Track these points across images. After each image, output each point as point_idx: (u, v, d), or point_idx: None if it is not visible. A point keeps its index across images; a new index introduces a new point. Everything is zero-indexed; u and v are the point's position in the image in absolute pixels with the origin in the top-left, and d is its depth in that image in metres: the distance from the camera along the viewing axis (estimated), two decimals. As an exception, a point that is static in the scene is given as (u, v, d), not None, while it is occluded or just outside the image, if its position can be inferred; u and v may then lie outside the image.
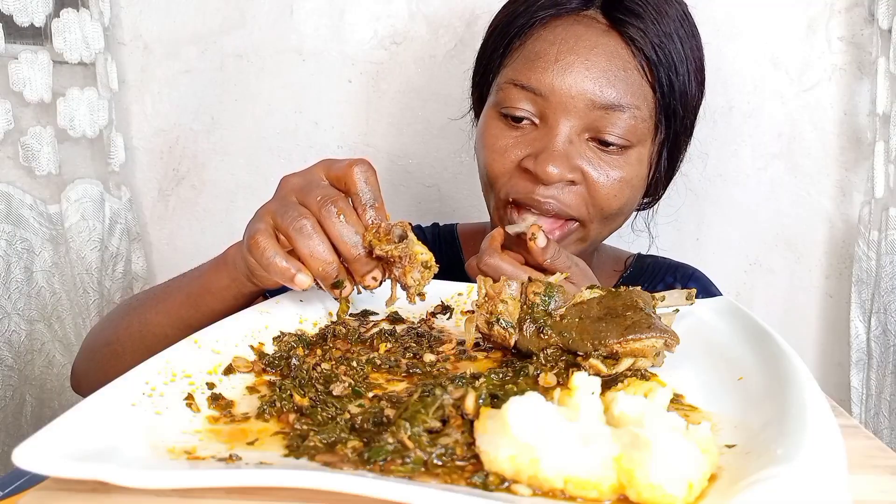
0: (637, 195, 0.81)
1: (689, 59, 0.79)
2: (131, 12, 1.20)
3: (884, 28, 1.01)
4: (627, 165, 0.77)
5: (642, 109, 0.76)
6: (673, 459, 0.34)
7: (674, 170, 0.87)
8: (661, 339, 0.52)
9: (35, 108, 1.01)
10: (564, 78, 0.74)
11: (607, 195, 0.76)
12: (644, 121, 0.76)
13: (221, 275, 0.67)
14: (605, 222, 0.79)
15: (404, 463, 0.37)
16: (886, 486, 0.37)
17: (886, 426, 1.05)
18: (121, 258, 1.17)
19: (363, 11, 1.17)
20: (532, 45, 0.77)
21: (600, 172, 0.76)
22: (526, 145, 0.76)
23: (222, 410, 0.45)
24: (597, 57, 0.74)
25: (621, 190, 0.77)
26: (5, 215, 0.98)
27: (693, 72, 0.80)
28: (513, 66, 0.79)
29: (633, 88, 0.75)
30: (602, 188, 0.76)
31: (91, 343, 0.78)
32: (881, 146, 1.02)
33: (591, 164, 0.76)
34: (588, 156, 0.76)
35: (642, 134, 0.77)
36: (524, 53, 0.78)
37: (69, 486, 0.36)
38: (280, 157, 1.23)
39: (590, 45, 0.75)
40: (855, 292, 1.06)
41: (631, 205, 0.81)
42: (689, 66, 0.79)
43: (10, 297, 0.99)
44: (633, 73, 0.75)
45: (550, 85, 0.74)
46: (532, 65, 0.76)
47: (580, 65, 0.74)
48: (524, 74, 0.76)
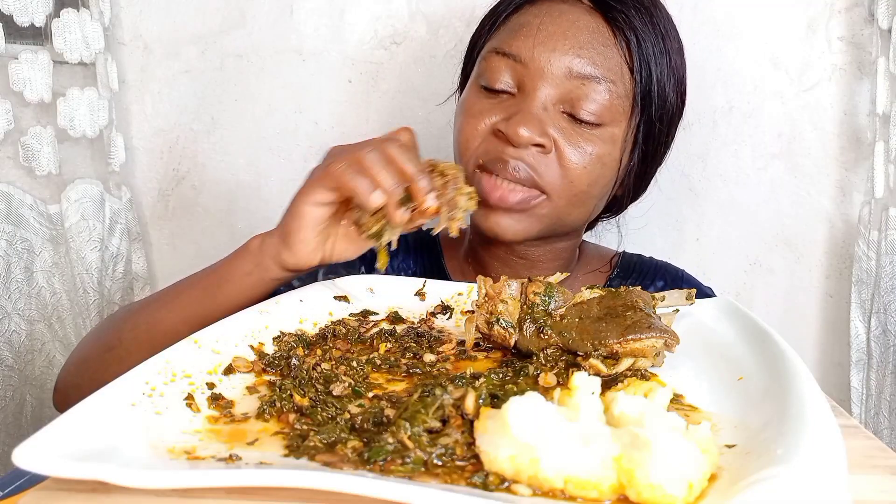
0: (608, 177, 0.79)
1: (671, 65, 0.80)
2: (131, 12, 1.20)
3: (883, 28, 1.01)
4: (600, 141, 0.77)
5: (618, 86, 0.76)
6: (673, 459, 0.34)
7: (646, 175, 0.87)
8: (661, 339, 0.52)
9: (35, 108, 1.01)
10: (545, 45, 0.75)
11: (576, 167, 0.76)
12: (619, 98, 0.76)
13: (244, 262, 0.68)
14: (572, 200, 0.78)
15: (404, 463, 0.37)
16: (886, 486, 0.37)
17: (886, 426, 1.05)
18: (121, 258, 1.17)
19: (363, 11, 1.17)
20: (517, 19, 0.80)
21: (572, 144, 0.76)
22: (501, 111, 0.77)
23: (222, 410, 0.45)
24: (578, 30, 0.76)
25: (592, 164, 0.76)
26: (5, 215, 0.98)
27: (674, 81, 0.81)
28: (497, 37, 0.81)
29: (611, 64, 0.76)
30: (572, 159, 0.75)
31: (84, 354, 0.77)
32: (881, 146, 1.02)
33: (564, 134, 0.75)
34: (561, 125, 0.76)
35: (617, 113, 0.77)
36: (509, 25, 0.80)
37: (69, 486, 0.36)
38: (280, 157, 1.23)
39: (572, 19, 0.77)
40: (855, 292, 1.06)
41: (600, 186, 0.79)
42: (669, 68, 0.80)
43: (10, 297, 0.99)
44: (613, 49, 0.76)
45: (530, 52, 0.75)
46: (515, 34, 0.78)
47: (561, 35, 0.76)
48: (506, 43, 0.78)
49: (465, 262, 0.92)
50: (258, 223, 1.26)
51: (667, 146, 0.86)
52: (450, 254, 0.94)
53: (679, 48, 0.83)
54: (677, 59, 0.82)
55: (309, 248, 0.66)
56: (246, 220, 1.26)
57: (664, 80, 0.79)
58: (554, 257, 0.87)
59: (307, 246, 0.66)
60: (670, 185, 1.16)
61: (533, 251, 0.86)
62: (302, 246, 0.66)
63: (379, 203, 0.61)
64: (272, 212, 1.27)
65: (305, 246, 0.66)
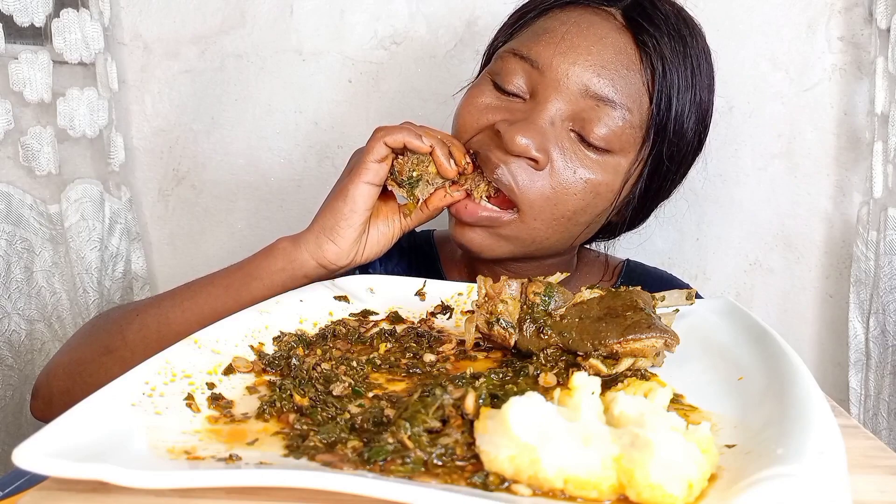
0: (600, 207, 0.75)
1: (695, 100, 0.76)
2: (131, 12, 1.20)
3: (882, 28, 1.01)
4: (600, 170, 0.73)
5: (634, 115, 0.72)
6: (673, 459, 0.34)
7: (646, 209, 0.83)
8: (661, 339, 0.52)
9: (35, 108, 1.01)
10: (565, 56, 0.71)
11: (565, 191, 0.72)
12: (633, 128, 0.73)
13: (273, 259, 0.69)
14: (552, 224, 0.73)
15: (404, 463, 0.37)
16: (886, 486, 0.37)
17: (885, 427, 1.05)
18: (121, 258, 1.17)
19: (363, 11, 1.17)
20: (543, 23, 0.76)
21: (569, 166, 0.72)
22: (507, 112, 0.73)
23: (222, 410, 0.45)
24: (603, 47, 0.72)
25: (583, 192, 0.72)
26: (5, 215, 0.98)
27: (695, 117, 0.77)
28: (518, 38, 0.77)
29: (631, 90, 0.72)
30: (563, 182, 0.72)
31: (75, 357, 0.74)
32: (879, 146, 1.02)
33: (563, 154, 0.72)
34: (563, 145, 0.72)
35: (626, 142, 0.73)
36: (533, 28, 0.77)
37: (69, 486, 0.36)
38: (280, 157, 1.23)
39: (600, 34, 0.72)
40: (853, 293, 1.06)
41: (589, 214, 0.75)
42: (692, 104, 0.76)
43: (10, 297, 0.99)
44: (636, 75, 0.72)
45: (549, 60, 0.72)
46: (537, 38, 0.74)
47: (585, 49, 0.72)
48: (526, 46, 0.74)
49: (461, 267, 0.91)
50: (258, 223, 1.26)
51: (674, 183, 0.82)
52: (446, 259, 0.93)
53: (709, 84, 0.78)
54: (704, 96, 0.77)
55: (353, 238, 0.70)
56: (246, 220, 1.26)
57: (683, 116, 0.75)
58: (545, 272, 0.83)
59: (353, 233, 0.69)
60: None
61: (521, 266, 0.83)
62: (349, 233, 0.69)
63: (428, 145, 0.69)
64: (272, 212, 1.27)
65: (352, 233, 0.69)
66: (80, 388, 0.71)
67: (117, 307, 0.81)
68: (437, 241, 0.96)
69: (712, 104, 0.80)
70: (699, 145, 0.81)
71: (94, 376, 0.71)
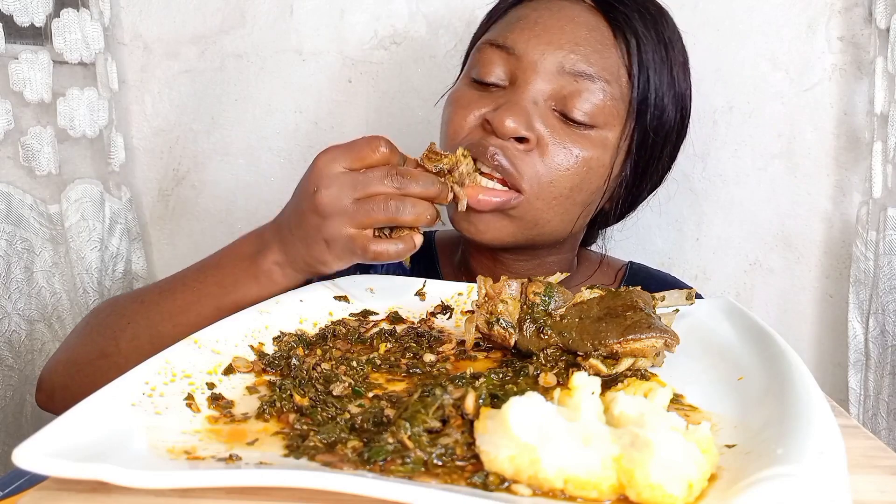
0: (594, 183, 0.76)
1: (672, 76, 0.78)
2: (131, 12, 1.20)
3: (881, 28, 1.01)
4: (589, 144, 0.74)
5: (613, 88, 0.73)
6: (673, 459, 0.34)
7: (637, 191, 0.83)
8: (661, 339, 0.52)
9: (35, 108, 1.01)
10: (540, 38, 0.73)
11: (559, 167, 0.73)
12: (614, 100, 0.74)
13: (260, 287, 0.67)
14: (551, 203, 0.74)
15: (404, 463, 0.37)
16: (886, 486, 0.37)
17: (884, 427, 1.05)
18: (121, 258, 1.17)
19: (363, 11, 1.17)
20: (516, 12, 0.78)
21: (558, 142, 0.73)
22: (491, 102, 0.74)
23: (222, 410, 0.45)
24: (576, 26, 0.74)
25: (576, 167, 0.73)
26: (5, 215, 0.98)
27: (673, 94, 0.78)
28: (493, 30, 0.79)
29: (608, 63, 0.74)
30: (556, 159, 0.72)
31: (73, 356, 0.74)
32: (879, 146, 1.02)
33: (551, 131, 0.73)
34: (550, 122, 0.73)
35: (610, 116, 0.74)
36: (507, 18, 0.79)
37: (69, 486, 0.36)
38: (280, 157, 1.23)
39: (571, 15, 0.75)
40: (853, 293, 1.06)
41: (585, 193, 0.76)
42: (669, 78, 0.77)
43: (10, 297, 0.99)
44: (611, 49, 0.74)
45: (525, 44, 0.73)
46: (511, 26, 0.76)
47: (558, 30, 0.74)
48: (501, 35, 0.76)
49: (459, 270, 0.91)
50: (258, 223, 1.25)
51: (664, 168, 0.83)
52: (445, 261, 0.93)
53: (683, 63, 0.80)
54: (679, 73, 0.79)
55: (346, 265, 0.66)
56: (246, 220, 1.26)
57: (663, 89, 0.77)
58: (545, 272, 0.83)
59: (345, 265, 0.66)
60: (670, 185, 1.15)
61: (522, 264, 0.83)
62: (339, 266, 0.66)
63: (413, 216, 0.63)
64: (272, 212, 1.27)
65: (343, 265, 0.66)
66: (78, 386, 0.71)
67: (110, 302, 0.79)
68: (437, 243, 0.96)
69: (690, 86, 0.82)
70: (682, 124, 0.82)
71: (91, 377, 0.71)
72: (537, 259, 0.83)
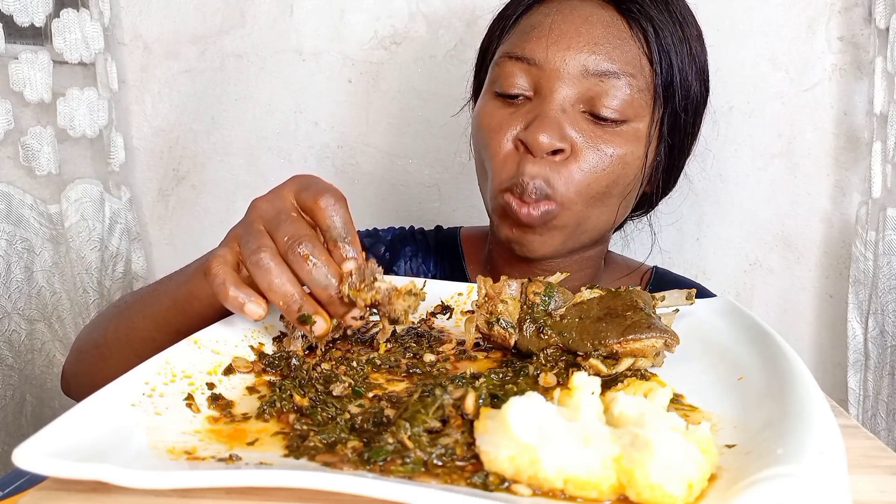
0: (630, 176, 0.76)
1: (692, 53, 0.78)
2: (131, 12, 1.20)
3: (881, 28, 1.01)
4: (622, 140, 0.74)
5: (638, 79, 0.74)
6: (673, 459, 0.34)
7: (675, 170, 0.84)
8: (661, 339, 0.52)
9: (35, 108, 1.01)
10: (558, 45, 0.73)
11: (594, 171, 0.73)
12: (640, 91, 0.74)
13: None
14: (590, 202, 0.75)
15: (404, 463, 0.37)
16: (886, 486, 0.37)
17: (884, 427, 1.05)
18: (121, 258, 1.17)
19: (363, 11, 1.17)
20: (527, 20, 0.78)
21: (591, 146, 0.73)
22: (520, 118, 0.75)
23: (222, 411, 0.45)
24: (591, 26, 0.74)
25: (612, 166, 0.74)
26: (5, 215, 0.98)
27: (696, 69, 0.78)
28: (508, 42, 0.78)
29: (629, 57, 0.73)
30: (590, 163, 0.73)
31: (80, 345, 0.76)
32: (878, 146, 1.02)
33: (584, 135, 0.73)
34: (581, 126, 0.73)
35: (639, 107, 0.74)
36: (519, 28, 0.78)
37: (69, 486, 0.36)
38: (280, 157, 1.23)
39: (585, 14, 0.74)
40: (852, 293, 1.06)
41: (622, 186, 0.76)
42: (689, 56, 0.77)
43: (10, 297, 0.99)
44: (630, 42, 0.74)
45: (545, 52, 0.73)
46: (527, 36, 0.76)
47: (574, 32, 0.73)
48: (518, 46, 0.76)
49: (486, 269, 0.91)
50: (258, 223, 1.26)
51: (694, 136, 0.84)
52: (471, 258, 0.93)
53: (698, 35, 0.80)
54: (697, 47, 0.79)
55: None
56: (246, 220, 1.26)
57: (686, 69, 0.77)
58: (580, 268, 0.84)
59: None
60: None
61: (557, 263, 0.83)
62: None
63: (256, 317, 0.51)
64: (272, 212, 1.27)
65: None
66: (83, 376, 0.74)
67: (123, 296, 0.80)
68: (463, 240, 0.96)
69: (706, 53, 0.82)
70: (705, 94, 0.82)
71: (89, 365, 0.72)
72: (575, 254, 0.83)
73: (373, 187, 1.23)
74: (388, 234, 0.96)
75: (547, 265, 0.83)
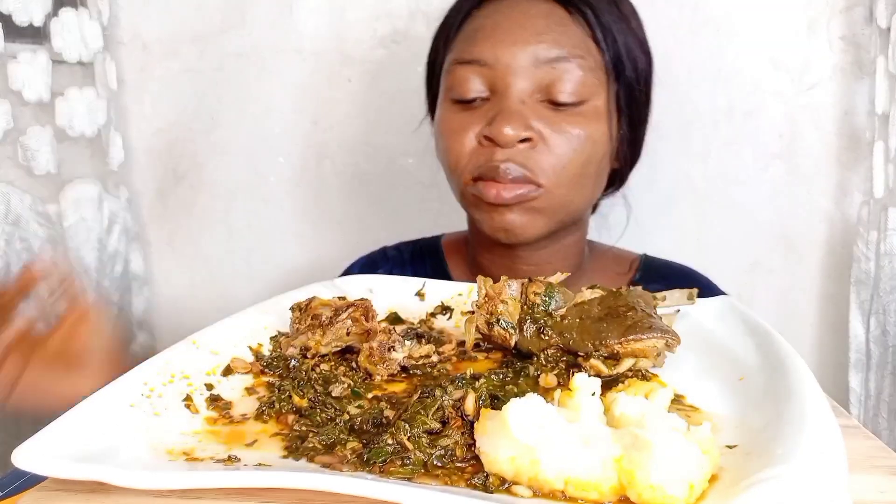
0: (601, 153, 0.78)
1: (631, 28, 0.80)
2: (130, 11, 1.19)
3: (882, 27, 1.00)
4: (584, 120, 0.76)
5: (587, 59, 0.76)
6: (674, 460, 0.34)
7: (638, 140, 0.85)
8: (662, 340, 0.51)
9: (34, 107, 1.01)
10: (505, 41, 0.75)
11: (567, 153, 0.75)
12: (592, 71, 0.76)
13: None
14: (570, 186, 0.77)
15: (404, 464, 0.37)
16: (886, 486, 0.37)
17: (885, 427, 1.05)
18: (119, 258, 1.17)
19: (363, 10, 1.17)
20: (470, 25, 0.80)
21: (557, 131, 0.75)
22: (481, 118, 0.76)
23: (221, 411, 0.45)
24: (533, 18, 0.76)
25: (582, 145, 0.76)
26: (4, 215, 0.98)
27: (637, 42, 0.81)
28: (455, 49, 0.80)
29: (575, 40, 0.76)
30: (562, 146, 0.75)
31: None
32: (880, 146, 1.02)
33: (547, 122, 0.75)
34: (543, 115, 0.75)
35: (593, 86, 0.76)
36: (464, 34, 0.80)
37: (69, 487, 0.35)
38: (280, 157, 1.23)
39: (524, 9, 0.77)
40: (854, 293, 1.06)
41: (595, 164, 0.78)
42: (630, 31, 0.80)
43: (9, 297, 0.99)
44: (572, 27, 0.76)
45: (493, 52, 0.75)
46: (472, 40, 0.78)
47: (518, 27, 0.75)
48: (466, 51, 0.78)
49: (470, 271, 0.91)
50: (258, 223, 1.26)
51: (648, 106, 0.86)
52: (455, 262, 0.93)
53: (633, 10, 0.83)
54: (634, 21, 0.82)
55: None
56: (245, 220, 1.26)
57: (629, 42, 0.79)
58: (562, 257, 0.85)
59: None
60: (670, 185, 1.15)
61: (539, 254, 0.84)
62: None
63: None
64: (272, 212, 1.27)
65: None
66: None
67: None
68: (445, 245, 0.96)
69: (643, 26, 0.84)
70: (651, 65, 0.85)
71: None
72: (556, 243, 0.84)
73: (373, 187, 1.23)
74: (355, 268, 0.96)
75: (530, 258, 0.84)
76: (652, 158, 1.15)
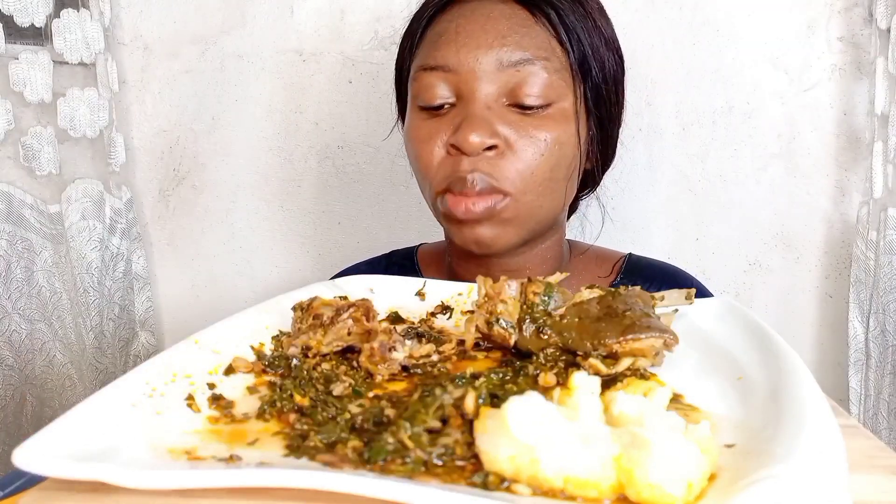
0: (569, 156, 0.77)
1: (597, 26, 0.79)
2: (131, 12, 1.20)
3: (882, 28, 1.01)
4: (552, 123, 0.75)
5: (553, 61, 0.75)
6: (672, 459, 0.34)
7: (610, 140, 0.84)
8: (661, 339, 0.52)
9: (35, 108, 1.01)
10: (468, 46, 0.74)
11: (533, 158, 0.74)
12: (557, 72, 0.75)
13: None
14: (539, 191, 0.75)
15: (404, 463, 0.37)
16: (886, 486, 0.37)
17: (885, 427, 1.05)
18: (121, 258, 1.17)
19: (363, 12, 1.17)
20: (432, 30, 0.79)
21: (524, 136, 0.74)
22: (448, 125, 0.75)
23: (223, 411, 0.45)
24: (496, 21, 0.75)
25: (549, 149, 0.74)
26: (6, 215, 0.98)
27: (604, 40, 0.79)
28: (420, 55, 0.79)
29: (539, 42, 0.74)
30: (528, 151, 0.74)
31: None
32: (879, 146, 1.02)
33: (514, 127, 0.74)
34: (509, 119, 0.74)
35: (559, 87, 0.75)
36: (427, 40, 0.79)
37: (69, 486, 0.36)
38: (280, 157, 1.23)
39: (486, 12, 0.76)
40: (853, 293, 1.06)
41: (565, 168, 0.77)
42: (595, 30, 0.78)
43: (10, 297, 0.99)
44: (535, 28, 0.75)
45: (456, 56, 0.74)
46: (435, 45, 0.77)
47: (481, 31, 0.74)
48: (430, 56, 0.77)
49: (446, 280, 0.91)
50: (258, 223, 1.26)
51: (620, 105, 0.84)
52: (430, 273, 0.92)
53: (599, 8, 0.81)
54: (601, 20, 0.80)
55: None
56: (246, 220, 1.26)
57: (595, 42, 0.78)
58: (539, 261, 0.84)
59: None
60: (670, 185, 1.16)
61: (515, 260, 0.83)
62: None
63: None
64: (272, 212, 1.27)
65: None
66: None
67: None
68: (419, 256, 0.96)
69: (611, 24, 0.82)
70: (620, 62, 0.83)
71: None
72: (532, 250, 0.83)
73: (373, 187, 1.23)
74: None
75: (506, 265, 0.83)
76: (651, 158, 1.16)
